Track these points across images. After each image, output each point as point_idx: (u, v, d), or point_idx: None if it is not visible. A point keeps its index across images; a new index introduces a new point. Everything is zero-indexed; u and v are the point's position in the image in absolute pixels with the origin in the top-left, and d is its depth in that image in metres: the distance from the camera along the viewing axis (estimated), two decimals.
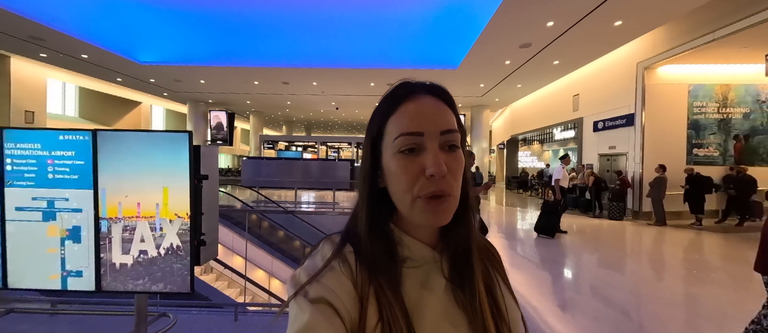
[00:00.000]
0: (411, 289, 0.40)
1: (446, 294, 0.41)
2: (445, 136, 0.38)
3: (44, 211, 1.63)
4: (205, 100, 14.00)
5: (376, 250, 0.40)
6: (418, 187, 0.37)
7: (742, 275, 3.79)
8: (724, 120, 7.46)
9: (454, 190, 0.38)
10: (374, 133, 0.42)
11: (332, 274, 0.38)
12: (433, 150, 0.38)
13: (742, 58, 6.92)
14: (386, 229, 0.42)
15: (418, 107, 0.39)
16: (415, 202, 0.38)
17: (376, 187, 0.42)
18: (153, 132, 1.64)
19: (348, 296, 0.37)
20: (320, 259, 0.40)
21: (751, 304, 3.04)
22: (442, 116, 0.39)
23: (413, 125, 0.38)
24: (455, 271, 0.42)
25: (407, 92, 0.40)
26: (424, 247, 0.42)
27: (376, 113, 0.42)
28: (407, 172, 0.37)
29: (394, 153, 0.39)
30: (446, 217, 0.38)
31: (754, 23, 5.35)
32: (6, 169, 1.62)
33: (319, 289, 0.36)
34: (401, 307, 0.38)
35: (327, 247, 0.43)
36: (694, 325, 2.63)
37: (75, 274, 1.65)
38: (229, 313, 2.39)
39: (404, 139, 0.38)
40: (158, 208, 1.63)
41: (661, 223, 6.84)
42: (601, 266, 4.41)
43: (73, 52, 8.23)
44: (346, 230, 0.45)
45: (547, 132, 12.33)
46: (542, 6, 5.24)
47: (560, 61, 7.98)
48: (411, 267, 0.42)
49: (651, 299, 3.11)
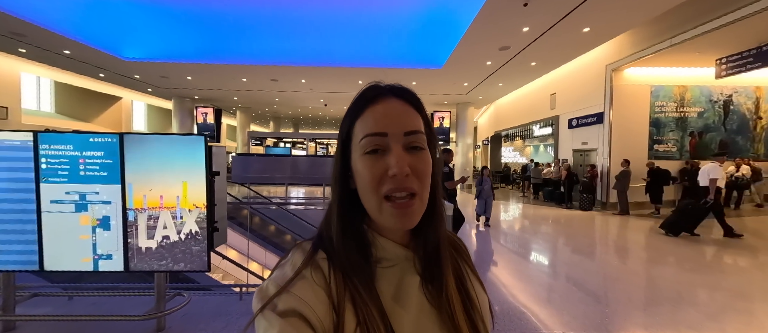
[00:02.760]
0: (386, 289, 0.40)
1: (420, 291, 0.41)
2: (408, 137, 0.39)
3: (77, 204, 1.89)
4: (191, 97, 13.85)
5: (349, 251, 0.40)
6: (382, 188, 0.38)
7: (694, 257, 4.35)
8: (681, 118, 8.20)
9: (418, 189, 0.39)
10: (344, 135, 0.42)
11: (303, 282, 0.37)
12: (397, 150, 0.38)
13: (697, 62, 7.62)
14: (359, 231, 0.42)
15: (384, 109, 0.40)
16: (382, 205, 0.38)
17: (347, 189, 0.42)
18: (173, 135, 1.92)
19: (321, 305, 0.36)
20: (290, 268, 0.39)
21: (703, 280, 3.59)
22: (406, 118, 0.40)
23: (378, 126, 0.39)
24: (427, 267, 0.43)
25: (374, 95, 0.41)
26: (397, 246, 0.42)
27: (346, 116, 0.43)
28: (372, 171, 0.38)
29: (360, 154, 0.39)
30: (413, 220, 0.39)
31: (703, 32, 5.97)
32: (41, 167, 1.85)
33: (290, 300, 0.35)
34: (378, 308, 0.38)
35: (297, 255, 0.42)
36: (654, 300, 3.12)
37: (105, 257, 1.92)
38: (234, 294, 2.69)
39: (369, 140, 0.39)
40: (179, 200, 1.92)
41: (625, 213, 7.52)
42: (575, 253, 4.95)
43: (55, 48, 8.07)
44: (319, 235, 0.44)
45: (528, 128, 12.97)
46: (518, 13, 5.67)
47: (537, 63, 8.50)
48: (385, 267, 0.42)
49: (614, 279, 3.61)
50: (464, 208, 5.98)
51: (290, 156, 14.12)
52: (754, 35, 5.97)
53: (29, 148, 1.85)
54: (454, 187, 4.28)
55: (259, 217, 6.83)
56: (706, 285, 3.37)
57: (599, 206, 8.39)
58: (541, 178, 10.34)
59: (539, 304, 2.94)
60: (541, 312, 2.76)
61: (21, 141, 1.85)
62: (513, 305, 2.87)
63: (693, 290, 3.24)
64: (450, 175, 4.35)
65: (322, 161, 12.52)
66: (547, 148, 12.38)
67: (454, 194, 4.32)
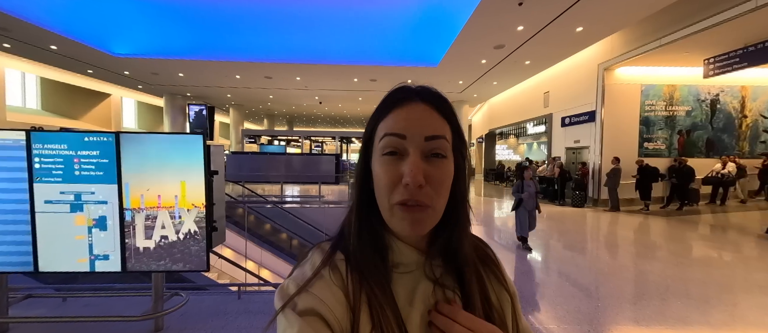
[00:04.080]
0: (402, 295, 0.40)
1: (433, 297, 0.41)
2: (429, 142, 0.38)
3: (72, 204, 1.86)
4: (182, 93, 13.62)
5: (365, 253, 0.40)
6: (395, 194, 0.37)
7: (681, 252, 4.49)
8: (670, 117, 8.39)
9: (433, 201, 0.37)
10: (367, 135, 0.42)
11: (322, 282, 0.37)
12: (414, 157, 0.37)
13: (686, 61, 7.80)
14: (377, 232, 0.41)
15: (407, 112, 0.39)
16: (393, 209, 0.37)
17: (367, 190, 0.42)
18: (170, 135, 1.90)
19: (339, 305, 0.36)
20: (309, 267, 0.39)
21: (690, 274, 3.70)
22: (429, 122, 0.39)
23: (397, 127, 0.38)
24: (446, 275, 0.42)
25: (401, 97, 0.40)
26: (413, 251, 0.42)
27: (371, 116, 0.42)
28: (387, 175, 0.37)
29: (379, 155, 0.39)
30: (422, 229, 0.38)
31: (691, 32, 6.11)
32: (34, 167, 1.82)
33: (309, 299, 0.35)
34: (394, 312, 0.37)
35: (316, 254, 0.42)
36: (643, 294, 3.20)
37: (102, 257, 1.90)
38: (232, 293, 2.69)
39: (387, 140, 0.38)
40: (177, 199, 1.90)
41: (615, 209, 7.69)
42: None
43: (41, 43, 7.85)
44: (339, 234, 0.44)
45: (522, 127, 13.11)
46: (512, 12, 5.72)
47: (531, 61, 8.59)
48: (402, 272, 0.41)
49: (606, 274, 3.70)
50: None
51: (285, 154, 14.03)
52: (741, 36, 6.14)
53: (22, 147, 1.81)
54: None
55: (255, 215, 6.79)
56: (692, 278, 3.49)
57: (591, 203, 8.56)
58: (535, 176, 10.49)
59: (534, 300, 3.01)
60: (536, 307, 2.83)
61: (13, 140, 1.82)
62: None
63: (682, 283, 3.35)
64: None
65: (317, 159, 12.47)
66: (540, 146, 12.55)
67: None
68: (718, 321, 2.59)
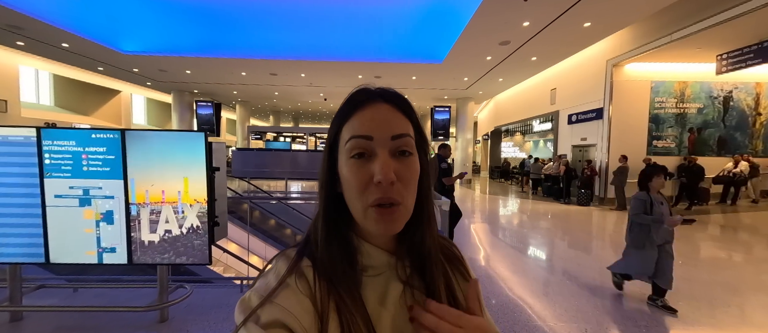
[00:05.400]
0: (372, 298, 0.39)
1: (402, 298, 0.41)
2: (396, 141, 0.38)
3: (80, 198, 1.93)
4: (190, 90, 13.82)
5: (334, 258, 0.39)
6: (368, 195, 0.37)
7: (688, 252, 4.43)
8: (681, 114, 8.20)
9: (404, 198, 0.38)
10: (331, 139, 0.42)
11: (287, 291, 0.36)
12: (383, 156, 0.37)
13: (698, 57, 7.59)
14: (345, 236, 0.41)
15: (371, 113, 0.39)
16: (366, 211, 0.37)
17: (333, 194, 0.41)
18: (174, 132, 1.95)
19: (306, 314, 0.35)
20: (274, 277, 0.38)
21: (697, 275, 3.66)
22: (394, 122, 0.39)
23: (363, 129, 0.38)
24: (414, 275, 0.42)
25: (363, 99, 0.40)
26: (382, 252, 0.42)
27: (333, 120, 0.42)
28: (357, 177, 0.37)
29: (346, 158, 0.39)
30: (396, 227, 0.38)
31: (704, 28, 5.94)
32: (45, 162, 1.89)
33: (273, 311, 0.34)
34: (363, 317, 0.37)
35: (281, 262, 0.40)
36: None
37: (109, 250, 1.97)
38: (235, 286, 2.76)
39: (354, 143, 0.38)
40: (180, 195, 1.96)
41: (622, 208, 7.58)
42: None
43: (53, 41, 8.04)
44: (305, 240, 0.43)
45: (528, 124, 12.97)
46: (518, 8, 5.64)
47: (537, 58, 8.46)
48: (371, 275, 0.41)
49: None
50: (462, 203, 6.05)
51: (290, 150, 14.15)
52: (755, 31, 5.94)
53: (33, 144, 1.89)
54: (452, 183, 4.31)
55: (260, 211, 6.89)
56: (699, 279, 3.44)
57: (597, 201, 8.45)
58: (541, 174, 10.39)
59: (535, 297, 3.01)
60: (537, 304, 2.83)
61: (24, 137, 1.89)
62: (510, 298, 2.93)
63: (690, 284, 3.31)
64: (448, 170, 4.38)
65: (321, 156, 12.51)
66: (546, 144, 12.39)
67: (451, 189, 4.35)
68: (724, 323, 2.56)
